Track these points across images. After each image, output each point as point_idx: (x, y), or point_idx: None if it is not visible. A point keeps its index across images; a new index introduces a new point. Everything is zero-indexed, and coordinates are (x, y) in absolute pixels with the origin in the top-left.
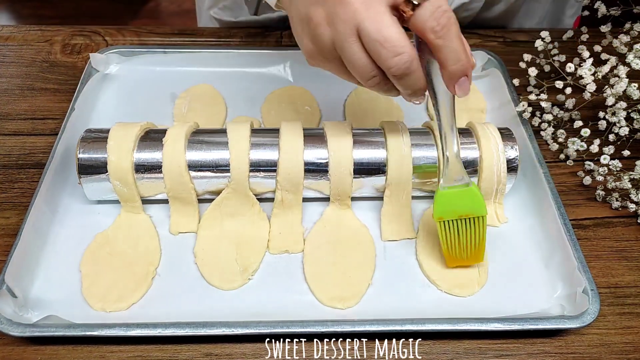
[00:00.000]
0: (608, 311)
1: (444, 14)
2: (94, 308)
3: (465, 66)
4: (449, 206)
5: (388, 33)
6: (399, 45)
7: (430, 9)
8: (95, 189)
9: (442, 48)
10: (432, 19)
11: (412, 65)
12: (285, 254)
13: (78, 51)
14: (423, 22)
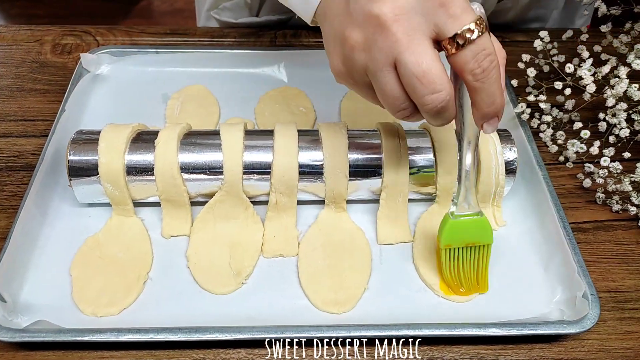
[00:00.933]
0: (608, 316)
1: (487, 57)
2: (85, 313)
3: (498, 109)
4: (458, 234)
5: (428, 68)
6: (438, 82)
7: (474, 50)
8: (86, 191)
9: (479, 91)
10: (474, 61)
11: (448, 103)
12: (279, 257)
13: (68, 51)
14: (464, 64)
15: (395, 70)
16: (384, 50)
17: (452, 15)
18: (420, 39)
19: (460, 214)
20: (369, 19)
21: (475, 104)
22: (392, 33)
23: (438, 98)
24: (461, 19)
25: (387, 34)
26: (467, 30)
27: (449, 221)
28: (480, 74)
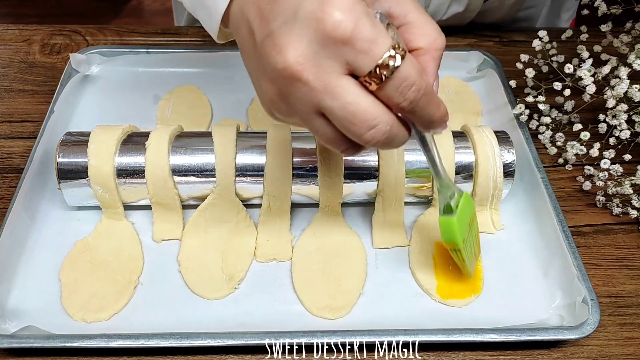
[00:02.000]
0: (608, 321)
1: (411, 88)
2: (74, 318)
3: (439, 121)
4: (464, 224)
5: (354, 107)
6: (370, 117)
7: (395, 85)
8: (76, 194)
9: (412, 116)
10: (398, 94)
11: (391, 131)
12: (273, 262)
13: (58, 51)
14: (388, 99)
15: (323, 115)
16: (303, 101)
17: (360, 51)
18: (335, 80)
19: (454, 204)
20: (277, 73)
21: (414, 123)
22: (303, 82)
23: (378, 132)
24: (372, 53)
25: (299, 84)
26: (383, 65)
27: (454, 221)
28: (408, 105)
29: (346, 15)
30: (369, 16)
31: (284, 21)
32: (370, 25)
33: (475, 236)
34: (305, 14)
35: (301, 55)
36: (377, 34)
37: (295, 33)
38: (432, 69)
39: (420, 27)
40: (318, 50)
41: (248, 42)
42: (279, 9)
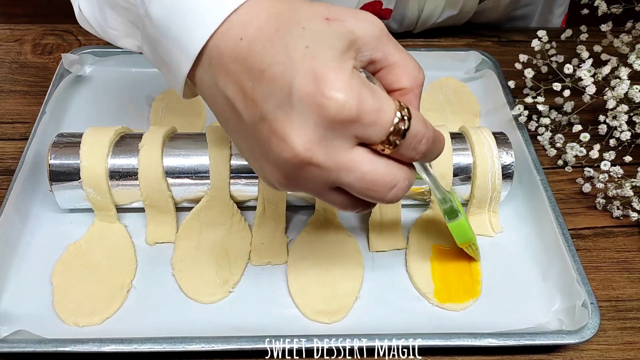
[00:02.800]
0: (608, 326)
1: (422, 141)
2: (66, 322)
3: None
4: (468, 222)
5: (373, 176)
6: (389, 179)
7: (408, 145)
8: (68, 196)
9: (423, 160)
10: (411, 151)
11: (410, 182)
12: (268, 265)
13: (49, 51)
14: (402, 156)
15: (339, 189)
16: (316, 181)
17: (369, 125)
18: (346, 155)
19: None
20: (283, 161)
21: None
22: (314, 166)
23: (400, 189)
24: (381, 123)
25: (310, 168)
26: (394, 133)
27: (462, 222)
28: (421, 157)
29: (347, 94)
30: (367, 85)
31: (277, 105)
32: (371, 95)
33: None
34: (302, 97)
35: (308, 141)
36: (380, 102)
37: (297, 119)
38: (415, 106)
39: (403, 67)
40: (325, 133)
41: (232, 119)
42: (266, 89)
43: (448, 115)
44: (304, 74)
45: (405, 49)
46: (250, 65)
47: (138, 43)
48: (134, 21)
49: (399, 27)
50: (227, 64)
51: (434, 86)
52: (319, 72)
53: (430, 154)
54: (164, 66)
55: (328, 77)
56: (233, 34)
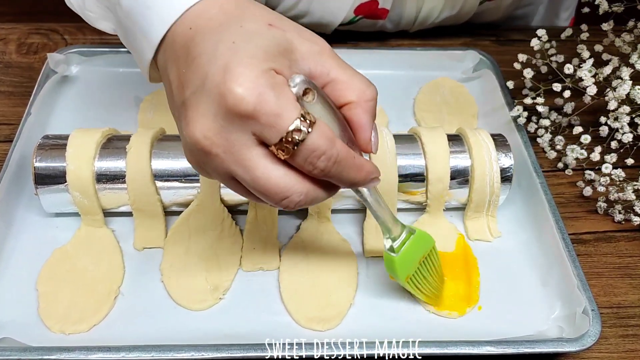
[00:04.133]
0: (610, 333)
1: (320, 158)
2: (52, 330)
3: (363, 183)
4: (409, 262)
5: (265, 183)
6: (282, 190)
7: (303, 155)
8: (53, 200)
9: (331, 180)
10: (307, 164)
11: (307, 197)
12: (259, 271)
13: (35, 51)
14: (299, 166)
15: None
16: (218, 170)
17: (266, 125)
18: (245, 152)
19: (398, 244)
20: (189, 145)
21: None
22: (213, 155)
23: (291, 202)
24: (277, 127)
25: (210, 156)
26: (287, 140)
27: (395, 259)
28: (320, 173)
29: (248, 90)
30: (275, 87)
31: (193, 91)
32: (275, 97)
33: (432, 271)
34: (211, 86)
35: (208, 129)
36: (281, 106)
37: (202, 106)
38: (365, 121)
39: (346, 82)
40: (224, 124)
41: (170, 101)
42: (191, 76)
43: (445, 117)
44: (218, 65)
45: (400, 48)
46: (187, 52)
47: (113, 26)
48: (108, 6)
49: (395, 27)
50: (176, 50)
51: (431, 87)
52: (230, 65)
53: (336, 175)
54: (133, 50)
55: (236, 70)
56: (186, 23)
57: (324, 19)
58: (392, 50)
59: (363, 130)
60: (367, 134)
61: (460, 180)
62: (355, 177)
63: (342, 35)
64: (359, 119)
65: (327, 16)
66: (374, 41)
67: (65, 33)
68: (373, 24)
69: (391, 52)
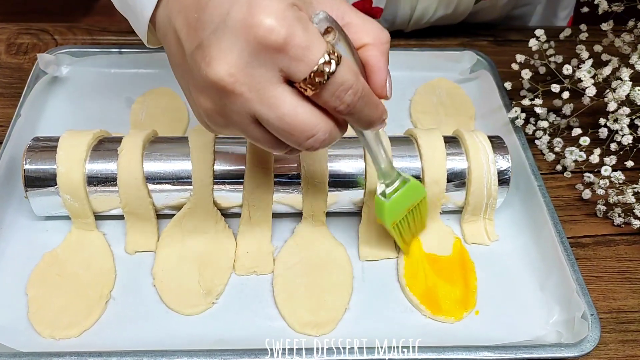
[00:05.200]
0: (609, 338)
1: (347, 92)
2: (42, 335)
3: (377, 122)
4: (398, 209)
5: (291, 118)
6: (308, 127)
7: (331, 90)
8: (44, 203)
9: (352, 117)
10: (334, 99)
11: (330, 136)
12: (253, 275)
13: (24, 51)
14: (325, 103)
15: (261, 124)
16: (240, 112)
17: (294, 58)
18: (270, 90)
19: (391, 190)
20: (210, 86)
21: (353, 124)
22: (237, 95)
23: (317, 141)
24: (306, 60)
25: (233, 96)
26: (317, 73)
27: (385, 204)
28: (346, 108)
29: (278, 21)
30: (302, 21)
31: (213, 30)
32: (303, 31)
33: (417, 220)
34: (235, 21)
35: (233, 66)
36: (310, 40)
37: (225, 43)
38: (382, 63)
39: (361, 25)
40: (250, 59)
41: (177, 53)
42: (207, 18)
43: (442, 118)
44: (242, 2)
45: (396, 48)
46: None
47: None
48: None
49: (390, 26)
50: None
51: (427, 88)
52: (253, 2)
53: (359, 111)
54: (130, 11)
55: (262, 2)
56: None
57: None
58: None
59: (380, 72)
60: (383, 76)
61: (457, 183)
62: (373, 114)
63: None
64: (376, 61)
65: None
66: None
67: (55, 33)
68: None
69: None
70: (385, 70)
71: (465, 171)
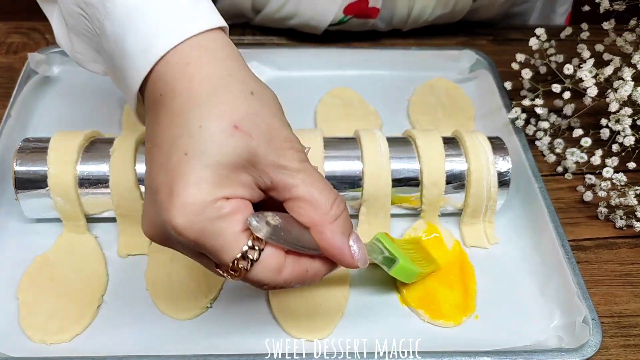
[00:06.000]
0: (611, 343)
1: (263, 287)
2: (33, 340)
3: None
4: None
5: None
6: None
7: (250, 280)
8: (34, 205)
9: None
10: (257, 285)
11: (284, 284)
12: None
13: (15, 51)
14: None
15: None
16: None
17: (208, 253)
18: (198, 258)
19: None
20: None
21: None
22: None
23: (283, 285)
24: (220, 258)
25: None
26: (233, 268)
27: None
28: (272, 289)
29: (189, 224)
30: (219, 221)
31: (147, 187)
32: (215, 235)
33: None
34: (158, 200)
35: (157, 235)
36: (224, 242)
37: (151, 214)
38: (337, 244)
39: (308, 201)
40: (170, 238)
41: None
42: (149, 173)
43: (440, 119)
44: (167, 183)
45: (394, 48)
46: (153, 128)
47: (103, 68)
48: (96, 49)
49: (387, 26)
50: (148, 109)
51: (426, 88)
52: (175, 189)
53: (286, 287)
54: (123, 92)
55: (180, 199)
56: (158, 85)
57: (313, 19)
58: (385, 50)
59: (338, 253)
60: (344, 256)
61: (456, 185)
62: (311, 282)
63: (334, 35)
64: (328, 243)
65: (316, 17)
66: (367, 41)
67: (46, 32)
68: (364, 23)
69: (384, 52)
70: (344, 248)
71: (464, 173)
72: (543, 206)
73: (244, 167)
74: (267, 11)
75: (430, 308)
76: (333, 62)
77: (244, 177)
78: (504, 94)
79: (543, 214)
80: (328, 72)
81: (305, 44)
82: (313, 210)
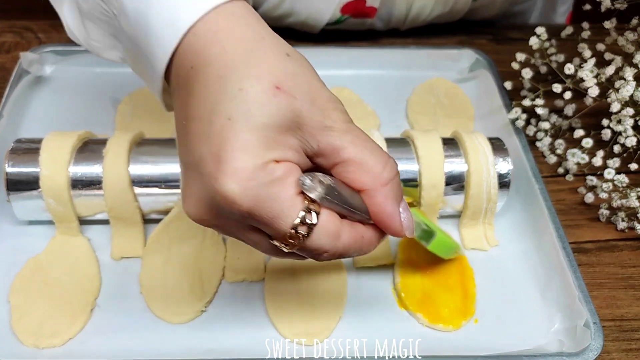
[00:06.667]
0: (613, 347)
1: (323, 254)
2: (25, 344)
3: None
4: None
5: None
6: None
7: (306, 250)
8: (26, 207)
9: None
10: (312, 256)
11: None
12: (243, 282)
13: (7, 50)
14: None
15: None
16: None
17: (262, 224)
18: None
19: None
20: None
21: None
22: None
23: (333, 256)
24: (275, 227)
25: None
26: (290, 236)
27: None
28: (327, 259)
29: (242, 191)
30: (272, 186)
31: (188, 163)
32: (271, 200)
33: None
34: (204, 172)
35: (204, 213)
36: (280, 208)
37: (195, 189)
38: (388, 210)
39: (358, 164)
40: (219, 212)
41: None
42: (188, 143)
43: (439, 119)
44: (212, 150)
45: (392, 47)
46: (187, 101)
47: (121, 54)
48: (114, 33)
49: (385, 26)
50: (179, 87)
51: (425, 88)
52: (223, 156)
53: (344, 256)
54: (144, 78)
55: (229, 164)
56: (188, 57)
57: (310, 18)
58: (383, 50)
59: (388, 220)
60: (393, 223)
61: (456, 187)
62: (367, 251)
63: (332, 35)
64: (379, 209)
65: (313, 16)
66: (365, 40)
67: (39, 31)
68: (362, 22)
69: (383, 51)
70: (394, 214)
71: (464, 174)
72: (544, 208)
73: (290, 129)
74: (263, 9)
75: (429, 312)
76: (330, 61)
77: (291, 140)
78: (504, 94)
79: (544, 216)
80: (325, 71)
81: (302, 43)
82: (364, 173)
